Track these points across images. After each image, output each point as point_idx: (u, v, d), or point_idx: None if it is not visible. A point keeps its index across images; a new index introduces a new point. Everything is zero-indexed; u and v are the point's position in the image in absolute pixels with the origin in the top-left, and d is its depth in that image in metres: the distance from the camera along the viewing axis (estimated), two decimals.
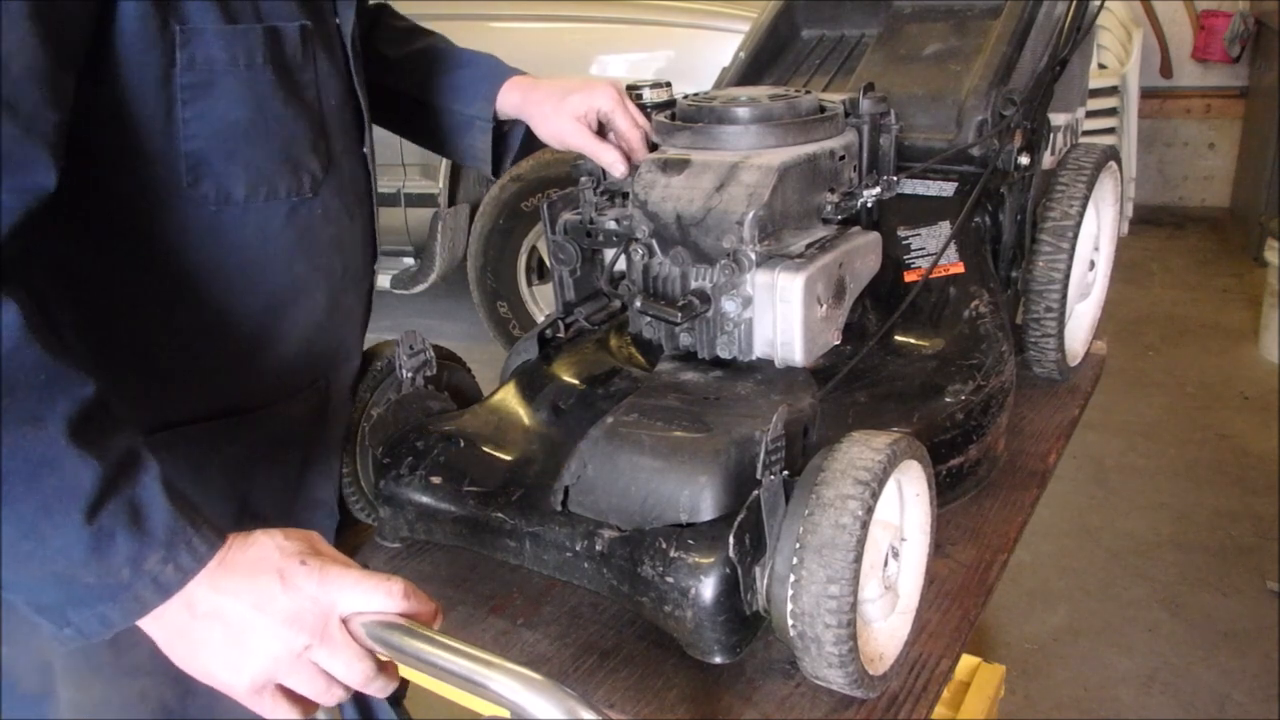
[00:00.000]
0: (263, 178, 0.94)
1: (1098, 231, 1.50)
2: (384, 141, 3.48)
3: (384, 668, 0.76)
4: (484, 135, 1.28)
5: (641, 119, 1.22)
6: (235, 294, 0.97)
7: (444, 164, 3.52)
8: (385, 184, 3.67)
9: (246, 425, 1.02)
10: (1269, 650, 2.24)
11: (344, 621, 0.74)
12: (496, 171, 1.38)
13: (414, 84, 1.30)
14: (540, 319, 3.65)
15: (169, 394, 0.96)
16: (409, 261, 3.88)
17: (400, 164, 3.62)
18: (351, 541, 1.23)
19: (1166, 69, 5.32)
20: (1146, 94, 4.80)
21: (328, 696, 0.76)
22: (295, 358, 1.04)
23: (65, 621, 0.72)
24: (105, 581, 0.70)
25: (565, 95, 1.23)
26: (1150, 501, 2.86)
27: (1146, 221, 5.21)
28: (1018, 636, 2.36)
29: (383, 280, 3.84)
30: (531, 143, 1.32)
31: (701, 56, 3.15)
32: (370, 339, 1.22)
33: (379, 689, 0.76)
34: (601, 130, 1.22)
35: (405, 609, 0.74)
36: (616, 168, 1.18)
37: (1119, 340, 3.71)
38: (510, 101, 1.27)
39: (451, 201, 3.65)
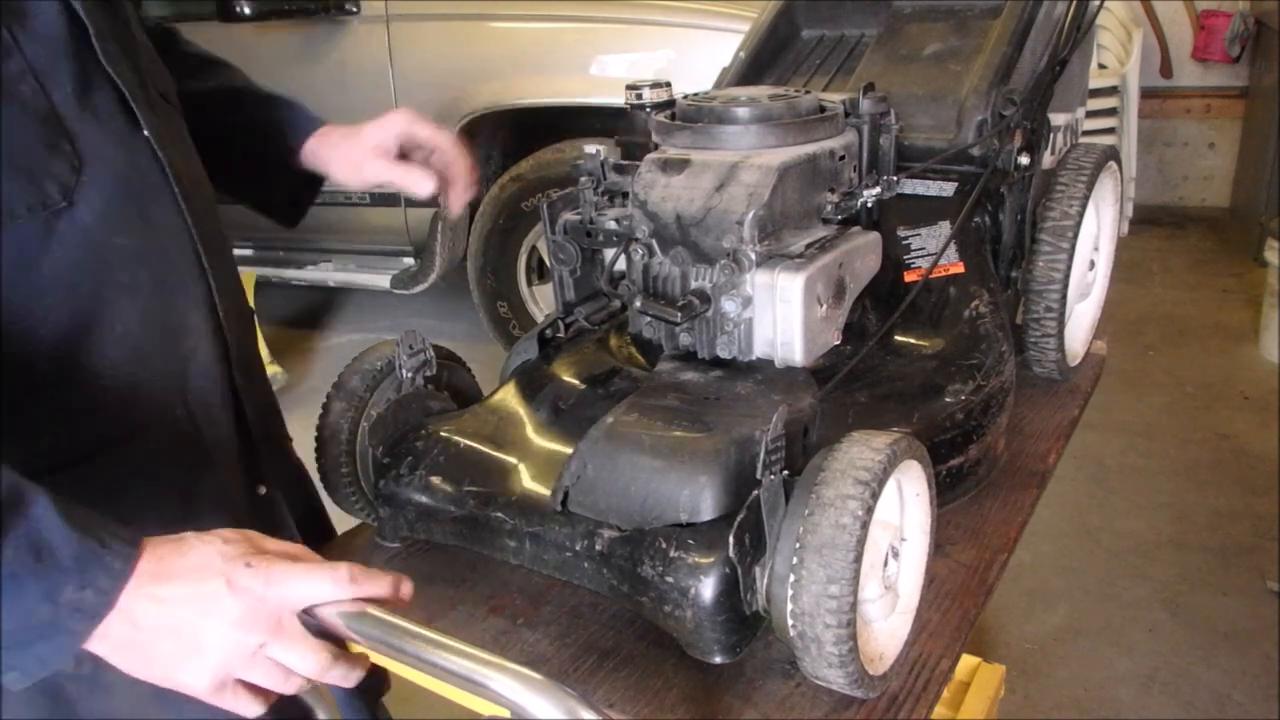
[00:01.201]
0: None
1: (1098, 231, 1.50)
2: None
3: (343, 656, 0.76)
4: (283, 187, 1.26)
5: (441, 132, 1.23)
6: (16, 333, 0.85)
7: None
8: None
9: (88, 472, 0.93)
10: (1269, 650, 2.24)
11: (311, 613, 0.73)
12: (292, 224, 1.34)
13: (207, 122, 1.18)
14: (540, 319, 3.65)
15: None
16: (409, 261, 3.88)
17: None
18: (352, 541, 1.23)
19: (1166, 69, 5.32)
20: (1146, 94, 4.81)
21: (287, 686, 0.76)
22: (123, 389, 0.94)
23: (8, 666, 0.70)
24: (29, 624, 0.68)
25: (358, 132, 1.24)
26: (1150, 501, 2.86)
27: (1146, 221, 5.21)
28: (1018, 636, 2.36)
29: (383, 280, 3.84)
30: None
31: (701, 56, 3.15)
32: (370, 339, 1.21)
33: (339, 678, 0.76)
34: (405, 156, 1.23)
35: (356, 593, 0.74)
36: (423, 186, 1.19)
37: (1119, 340, 3.71)
38: (307, 151, 1.26)
39: None
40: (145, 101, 0.97)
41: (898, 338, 1.24)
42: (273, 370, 3.73)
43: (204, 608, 0.72)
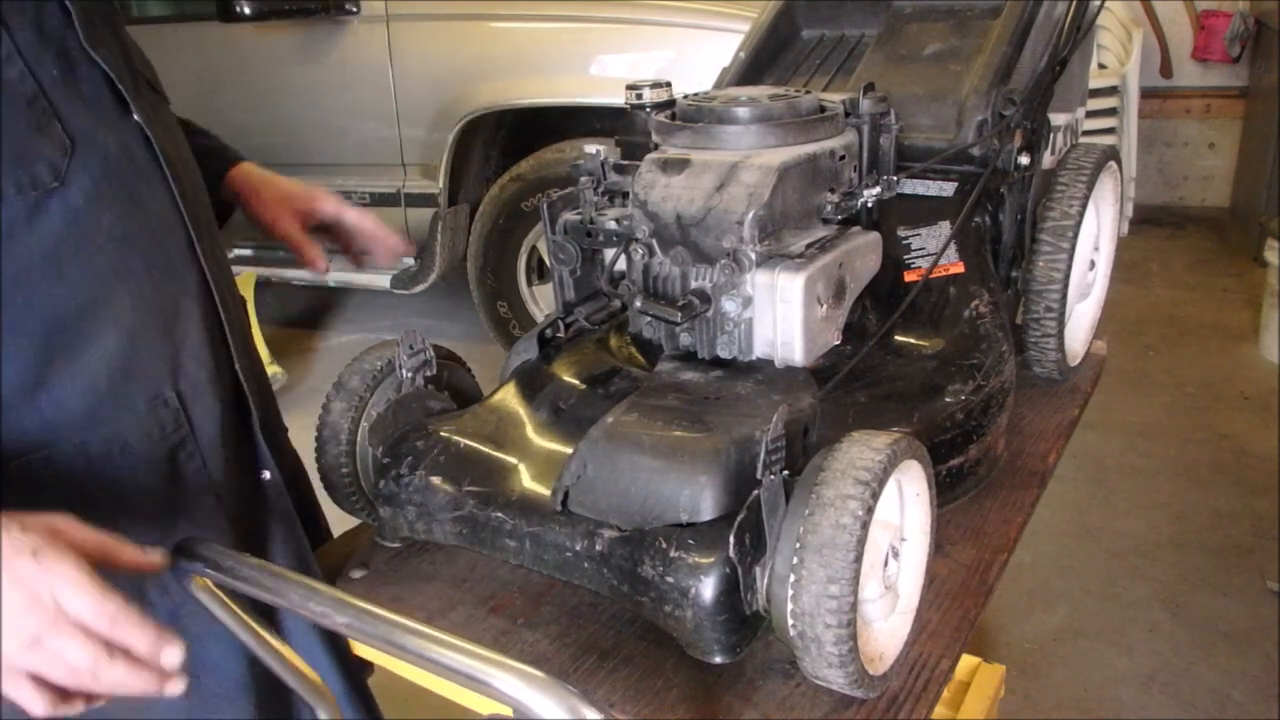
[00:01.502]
0: None
1: (1098, 231, 1.50)
2: (384, 140, 3.51)
3: (123, 657, 0.76)
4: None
5: (367, 221, 1.34)
6: (4, 311, 0.87)
7: (444, 164, 3.52)
8: (385, 184, 3.68)
9: (73, 448, 0.94)
10: (1269, 650, 2.24)
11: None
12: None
13: None
14: (540, 319, 3.65)
15: None
16: (409, 261, 3.88)
17: (400, 164, 3.62)
18: (352, 541, 1.23)
19: (1166, 69, 5.32)
20: (1146, 94, 4.81)
21: (71, 681, 0.75)
22: (113, 369, 0.95)
23: None
24: None
25: (288, 190, 1.33)
26: (1150, 501, 2.86)
27: (1146, 221, 5.21)
28: (1018, 636, 2.36)
29: (383, 280, 3.84)
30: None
31: (701, 56, 3.15)
32: (370, 339, 1.22)
33: (117, 677, 0.76)
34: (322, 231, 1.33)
35: (108, 635, 0.74)
36: (319, 264, 1.30)
37: (1119, 340, 3.71)
38: (228, 180, 1.31)
39: (452, 201, 3.65)
40: (133, 87, 0.98)
41: (898, 338, 1.24)
42: (273, 370, 3.73)
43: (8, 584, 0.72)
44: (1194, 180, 5.47)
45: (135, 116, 0.97)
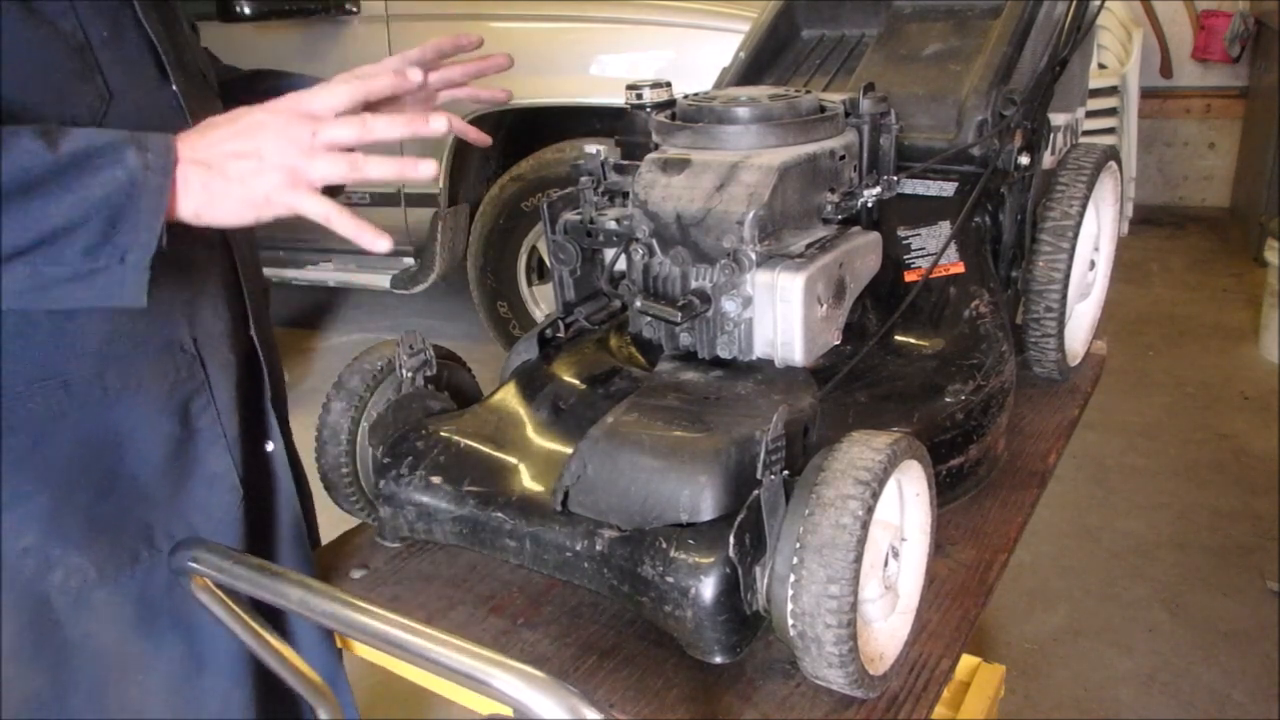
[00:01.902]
0: (19, 108, 0.92)
1: (1098, 231, 1.50)
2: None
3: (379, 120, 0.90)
4: None
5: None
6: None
7: (444, 163, 3.52)
8: (385, 183, 3.67)
9: (91, 376, 1.01)
10: (1269, 650, 2.25)
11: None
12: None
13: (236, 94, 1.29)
14: (540, 319, 3.65)
15: None
16: (409, 261, 3.88)
17: None
18: (351, 541, 1.23)
19: (1166, 69, 5.32)
20: (1146, 94, 4.81)
21: (352, 172, 0.90)
22: (129, 313, 1.01)
23: (125, 248, 0.84)
24: (114, 193, 0.82)
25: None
26: (1150, 501, 2.86)
27: (1146, 221, 5.21)
28: (1018, 636, 2.36)
29: (383, 280, 3.84)
30: None
31: (701, 56, 3.15)
32: (370, 339, 1.23)
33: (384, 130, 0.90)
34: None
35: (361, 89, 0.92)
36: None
37: (1119, 340, 3.71)
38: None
39: (452, 201, 3.65)
40: (177, 62, 1.08)
41: (898, 338, 1.24)
42: None
43: (253, 128, 0.88)
44: (1194, 180, 5.47)
45: (173, 86, 1.06)
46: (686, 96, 1.19)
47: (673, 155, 1.09)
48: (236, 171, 0.87)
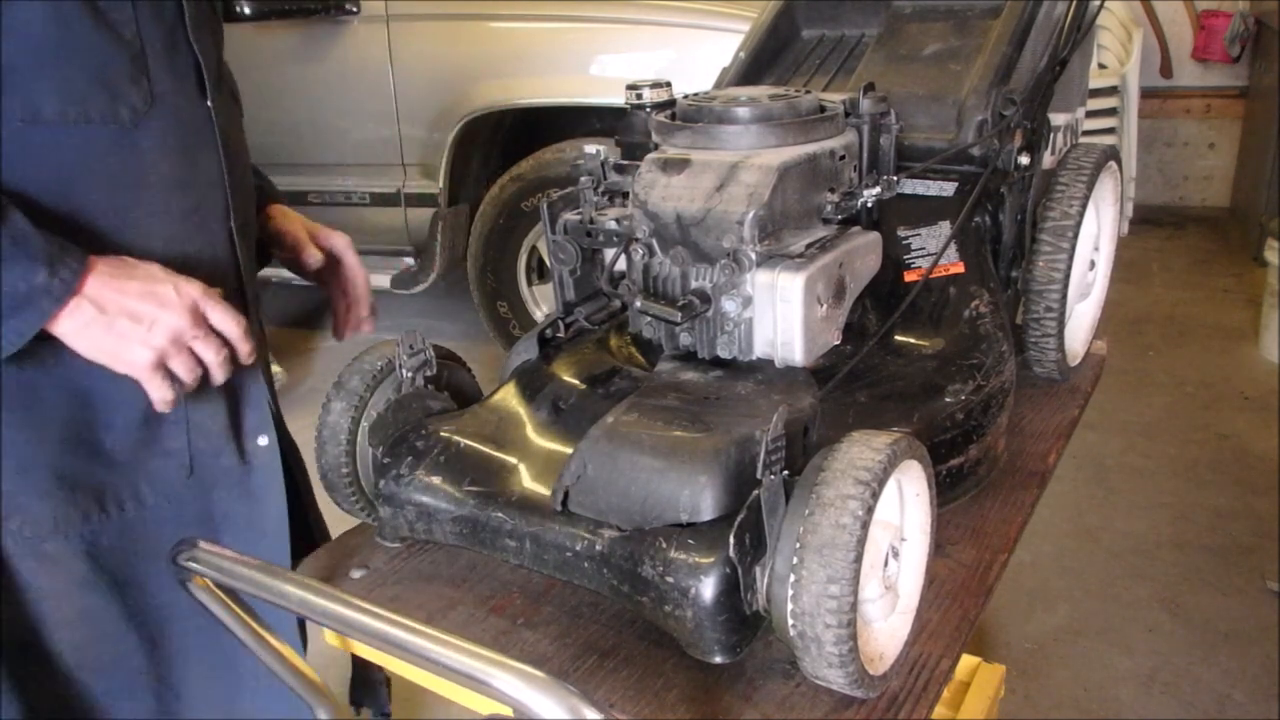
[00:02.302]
0: (73, 98, 1.03)
1: (1098, 231, 1.50)
2: (384, 140, 3.50)
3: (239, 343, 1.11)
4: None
5: (364, 273, 1.44)
6: (50, 215, 1.04)
7: (444, 164, 3.52)
8: (385, 184, 3.68)
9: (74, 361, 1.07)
10: (1269, 650, 2.25)
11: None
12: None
13: None
14: (540, 319, 3.65)
15: None
16: (409, 261, 3.88)
17: (400, 164, 3.62)
18: (351, 540, 1.23)
19: (1166, 69, 5.32)
20: (1146, 94, 4.81)
21: (190, 376, 1.07)
22: None
23: None
24: (12, 297, 0.95)
25: (295, 216, 1.44)
26: (1150, 501, 2.86)
27: (1146, 221, 5.21)
28: (1018, 636, 2.36)
29: (383, 280, 3.84)
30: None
31: (701, 56, 3.15)
32: (370, 339, 1.23)
33: (219, 365, 1.09)
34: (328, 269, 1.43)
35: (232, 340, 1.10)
36: (311, 256, 1.38)
37: (1119, 340, 3.71)
38: (269, 212, 1.43)
39: (452, 201, 3.65)
40: (216, 80, 1.19)
41: (898, 338, 1.24)
42: (273, 370, 3.73)
43: (159, 300, 1.02)
44: (1194, 180, 5.47)
45: (209, 102, 1.17)
46: (686, 96, 1.19)
47: (673, 155, 1.09)
48: (120, 329, 1.01)
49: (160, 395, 1.06)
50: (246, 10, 3.36)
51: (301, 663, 1.06)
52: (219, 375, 1.09)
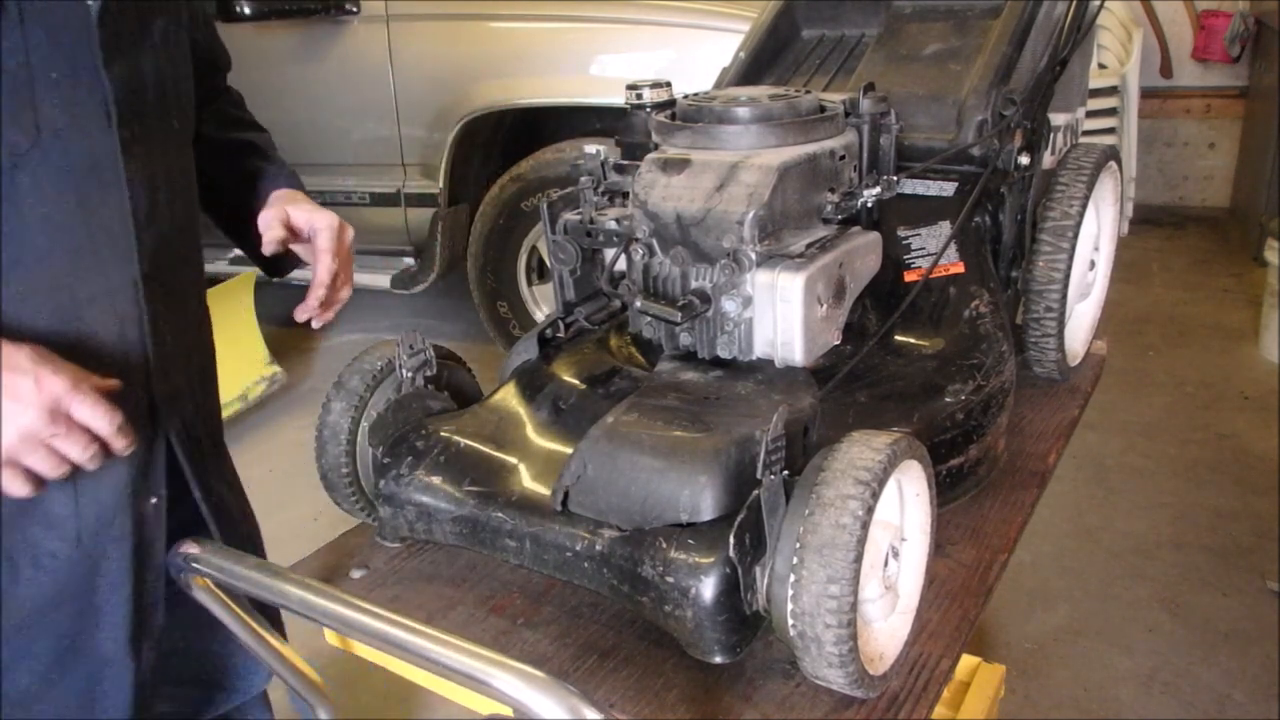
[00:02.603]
0: None
1: (1098, 231, 1.50)
2: (384, 140, 3.51)
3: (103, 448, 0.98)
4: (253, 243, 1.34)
5: (329, 260, 1.31)
6: None
7: (444, 163, 3.52)
8: (385, 184, 3.68)
9: None
10: (1269, 650, 2.24)
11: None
12: (274, 275, 1.47)
13: (217, 167, 1.37)
14: (540, 319, 3.65)
15: None
16: (409, 261, 3.88)
17: (400, 164, 3.62)
18: (351, 541, 1.23)
19: (1166, 69, 5.32)
20: (1146, 94, 4.81)
21: (54, 473, 0.97)
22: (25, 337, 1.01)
23: None
24: None
25: (295, 199, 1.35)
26: (1150, 501, 2.86)
27: (1147, 221, 5.21)
28: (1018, 636, 2.36)
29: (383, 280, 3.84)
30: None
31: (700, 57, 3.15)
32: (369, 339, 1.22)
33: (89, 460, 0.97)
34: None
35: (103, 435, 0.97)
36: (270, 236, 1.27)
37: (1119, 340, 3.71)
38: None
39: (452, 202, 3.65)
40: (133, 111, 1.07)
41: (898, 338, 1.24)
42: (272, 370, 3.73)
43: (14, 395, 0.92)
44: (1194, 180, 5.47)
45: (117, 133, 1.05)
46: (686, 96, 1.19)
47: (673, 155, 1.09)
48: None
49: (11, 489, 0.96)
50: (246, 10, 3.36)
51: (302, 662, 1.06)
52: (89, 466, 0.98)
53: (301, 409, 3.74)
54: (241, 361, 3.62)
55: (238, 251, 4.23)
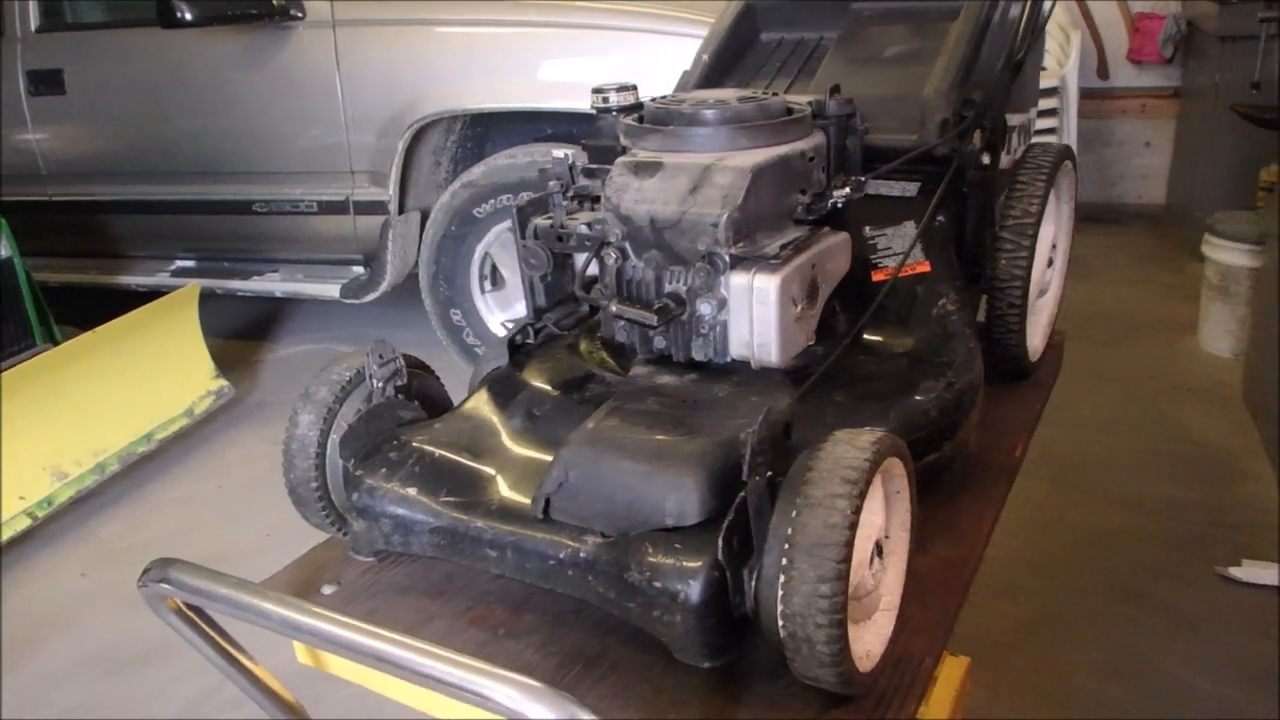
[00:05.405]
0: None
1: (1055, 229, 1.53)
2: (332, 147, 3.46)
3: None
4: None
5: None
6: None
7: (394, 171, 3.48)
8: (333, 192, 3.62)
9: None
10: (1226, 636, 2.30)
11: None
12: None
13: None
14: (494, 326, 3.61)
15: None
16: (358, 270, 3.82)
17: (349, 171, 3.57)
18: (321, 556, 1.20)
19: (1103, 70, 5.44)
20: (1085, 94, 4.91)
21: None
22: None
23: None
24: None
25: None
26: (1104, 493, 2.91)
27: (1088, 219, 5.31)
28: (979, 629, 2.38)
29: (332, 290, 3.78)
30: None
31: (649, 61, 3.15)
32: (318, 350, 1.20)
33: None
34: None
35: None
36: None
37: (1068, 336, 3.77)
38: None
39: (402, 209, 3.61)
40: None
41: (867, 337, 1.25)
42: (218, 384, 3.65)
43: None
44: (1131, 179, 5.60)
45: None
46: (654, 99, 1.19)
47: (644, 158, 1.09)
48: None
49: None
50: (188, 16, 3.29)
51: (277, 684, 1.03)
52: None
53: (250, 423, 3.67)
54: (187, 375, 3.54)
55: (180, 263, 4.15)
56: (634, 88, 1.24)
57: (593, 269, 1.14)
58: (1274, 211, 3.26)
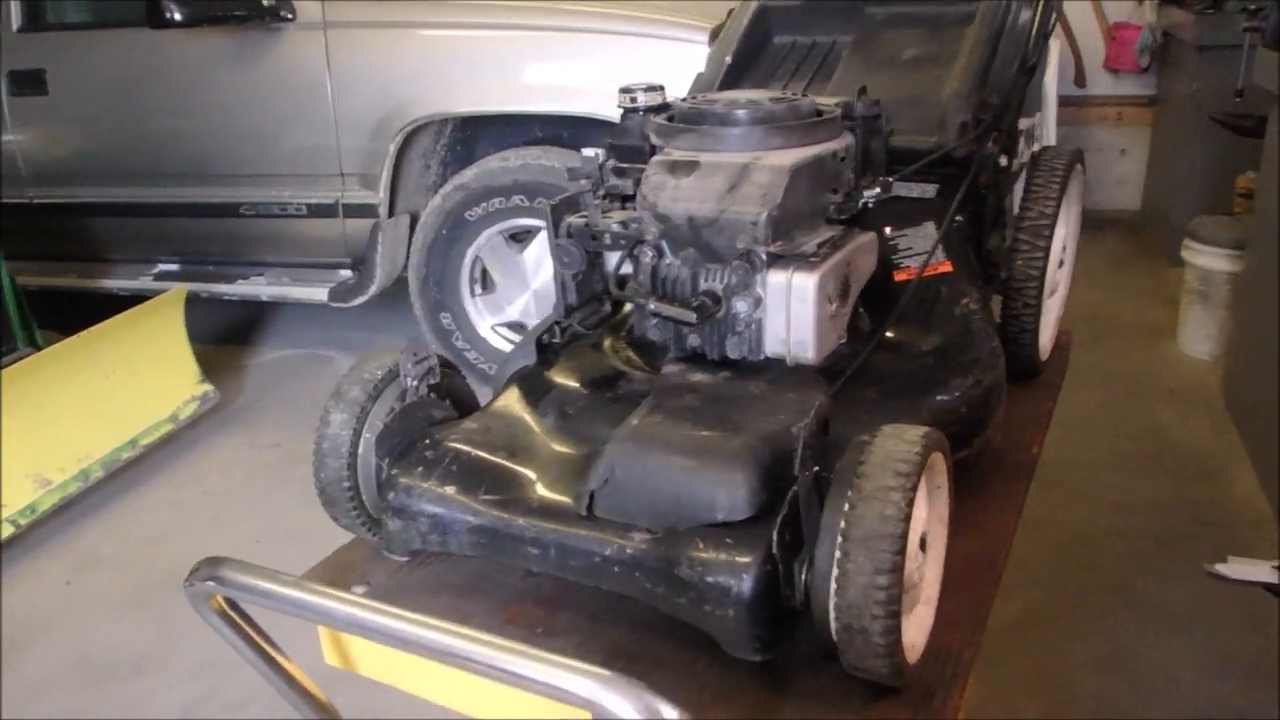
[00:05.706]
0: None
1: (1065, 230, 1.55)
2: (321, 150, 3.44)
3: None
4: None
5: None
6: None
7: (385, 174, 3.46)
8: (323, 194, 3.60)
9: None
10: (1212, 631, 2.34)
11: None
12: None
13: None
14: (485, 330, 3.60)
15: None
16: (347, 274, 3.80)
17: (339, 174, 3.55)
18: (349, 556, 1.20)
19: (1080, 78, 5.52)
20: (1063, 102, 4.98)
21: None
22: None
23: None
24: None
25: None
26: (1090, 493, 2.96)
27: None
28: None
29: (320, 293, 3.75)
30: None
31: (639, 64, 3.16)
32: (303, 354, 1.19)
33: None
34: None
35: None
36: None
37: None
38: None
39: (392, 212, 3.59)
40: None
41: (890, 335, 1.26)
42: (203, 389, 3.61)
43: None
44: (1108, 185, 5.68)
45: None
46: (684, 100, 1.20)
47: (679, 157, 1.10)
48: None
49: None
50: (177, 17, 3.26)
51: (313, 686, 1.03)
52: None
53: (235, 427, 3.63)
54: (172, 380, 3.50)
55: (163, 267, 4.10)
56: (661, 88, 1.24)
57: (625, 268, 1.14)
58: (1253, 217, 3.33)
